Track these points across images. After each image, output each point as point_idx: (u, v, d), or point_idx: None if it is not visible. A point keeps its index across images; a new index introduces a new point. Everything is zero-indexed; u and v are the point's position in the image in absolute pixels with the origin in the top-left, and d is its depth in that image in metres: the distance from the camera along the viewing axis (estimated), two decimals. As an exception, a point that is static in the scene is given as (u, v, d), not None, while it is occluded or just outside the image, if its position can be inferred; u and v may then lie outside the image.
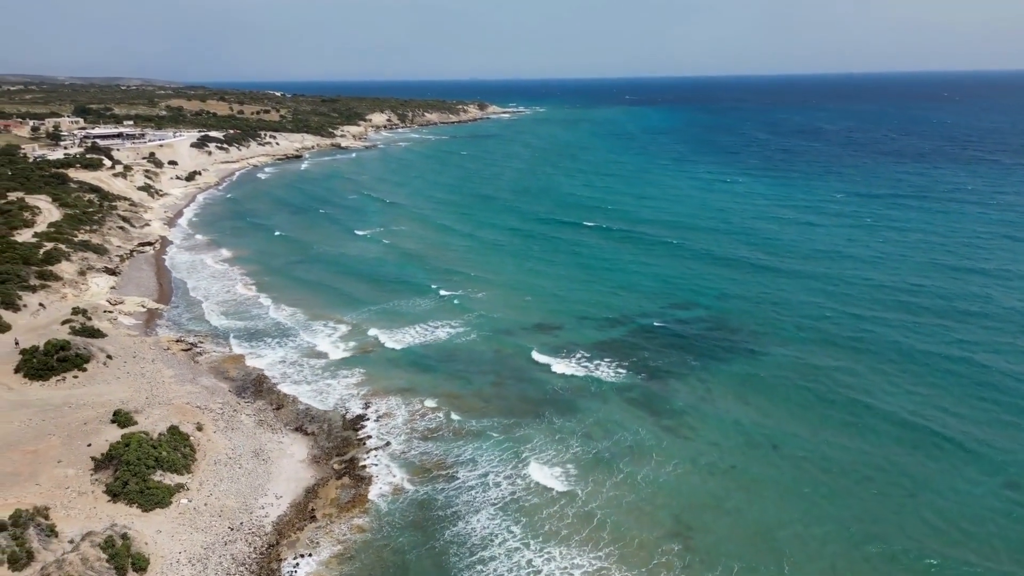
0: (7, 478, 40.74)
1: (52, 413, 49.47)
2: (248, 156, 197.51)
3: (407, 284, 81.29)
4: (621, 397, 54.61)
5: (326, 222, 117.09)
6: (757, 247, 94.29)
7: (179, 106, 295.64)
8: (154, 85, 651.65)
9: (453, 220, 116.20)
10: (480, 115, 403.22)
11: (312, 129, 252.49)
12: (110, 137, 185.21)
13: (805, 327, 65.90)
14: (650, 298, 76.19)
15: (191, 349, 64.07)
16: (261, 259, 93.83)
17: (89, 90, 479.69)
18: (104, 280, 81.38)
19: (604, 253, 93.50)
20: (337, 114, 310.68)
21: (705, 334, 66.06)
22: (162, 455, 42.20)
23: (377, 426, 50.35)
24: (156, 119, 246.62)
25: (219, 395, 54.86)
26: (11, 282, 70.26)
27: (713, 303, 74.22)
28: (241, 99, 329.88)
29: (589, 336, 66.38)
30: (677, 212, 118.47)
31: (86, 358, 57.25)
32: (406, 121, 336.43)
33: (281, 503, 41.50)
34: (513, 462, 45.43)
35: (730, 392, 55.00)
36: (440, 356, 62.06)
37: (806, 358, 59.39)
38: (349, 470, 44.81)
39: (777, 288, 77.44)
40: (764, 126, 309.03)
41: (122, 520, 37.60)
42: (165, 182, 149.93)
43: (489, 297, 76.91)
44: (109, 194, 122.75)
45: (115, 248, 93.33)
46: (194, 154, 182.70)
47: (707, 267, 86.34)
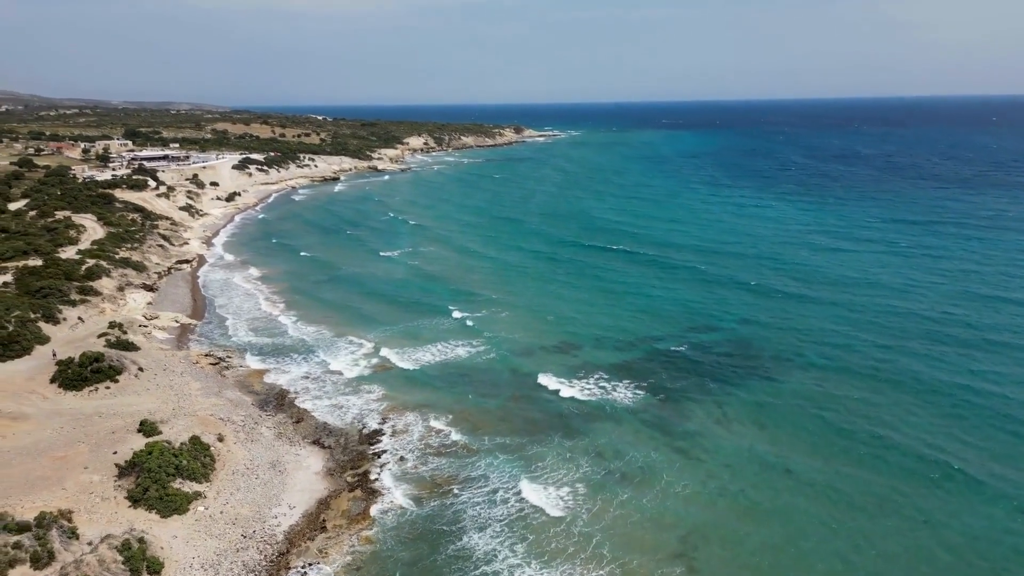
0: (37, 482, 42.66)
1: (83, 422, 51.60)
2: (287, 178, 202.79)
3: (429, 305, 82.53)
4: (635, 418, 54.73)
5: (354, 243, 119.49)
6: (784, 273, 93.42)
7: (224, 129, 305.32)
8: (202, 109, 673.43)
9: (479, 243, 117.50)
10: (516, 139, 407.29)
11: (350, 152, 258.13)
12: (156, 159, 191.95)
13: (827, 355, 65.00)
14: (671, 322, 76.12)
15: (219, 363, 66.09)
16: (290, 278, 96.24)
17: (140, 114, 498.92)
18: (141, 296, 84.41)
19: (628, 277, 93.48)
20: (375, 137, 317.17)
21: (725, 358, 65.78)
22: (182, 464, 43.74)
23: (392, 441, 51.32)
24: (201, 142, 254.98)
25: (242, 408, 56.52)
26: (53, 296, 73.44)
27: (735, 327, 73.87)
28: (284, 123, 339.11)
29: (607, 358, 66.62)
30: (705, 236, 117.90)
31: (118, 370, 59.55)
32: (442, 144, 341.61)
33: (294, 513, 42.60)
34: (522, 480, 45.86)
35: (746, 416, 54.70)
36: (457, 375, 62.97)
37: (826, 386, 58.64)
38: (361, 483, 45.79)
39: (802, 314, 76.57)
40: (802, 150, 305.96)
41: (141, 525, 39.06)
42: (206, 202, 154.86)
43: (509, 318, 77.72)
44: (152, 213, 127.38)
45: (154, 265, 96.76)
46: (235, 175, 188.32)
47: (731, 292, 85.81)
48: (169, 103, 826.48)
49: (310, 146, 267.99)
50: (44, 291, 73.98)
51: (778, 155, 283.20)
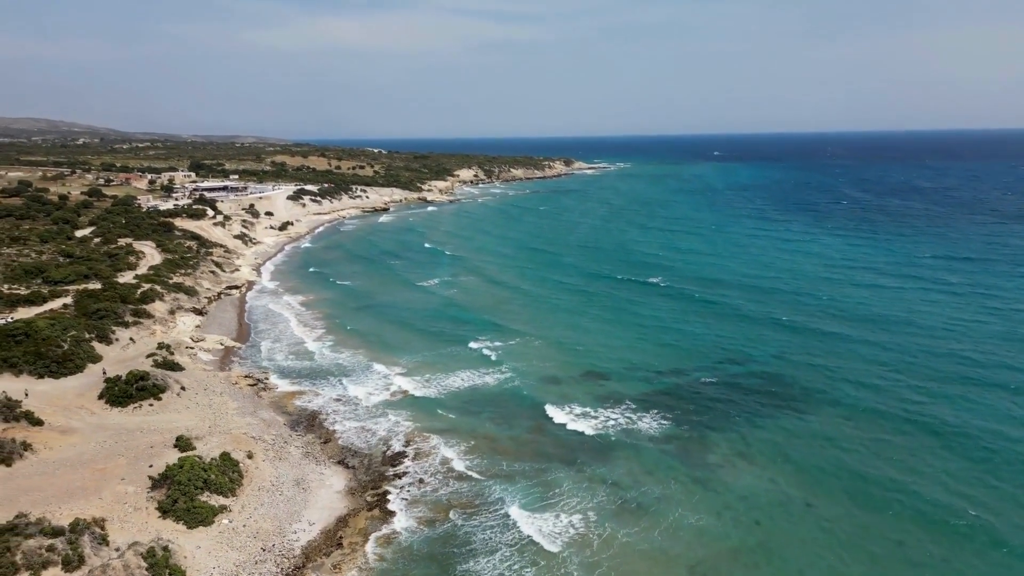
0: (76, 491, 45.22)
1: (125, 436, 54.39)
2: (339, 208, 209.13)
3: (459, 334, 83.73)
4: (657, 448, 54.71)
5: (394, 272, 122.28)
6: (823, 309, 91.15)
7: (283, 162, 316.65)
8: (265, 142, 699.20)
9: (515, 275, 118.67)
10: (565, 171, 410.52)
11: (401, 184, 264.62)
12: (216, 190, 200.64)
13: (859, 394, 63.17)
14: (702, 355, 75.62)
15: (256, 384, 68.68)
16: (330, 305, 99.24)
17: (207, 147, 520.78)
18: (191, 319, 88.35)
19: (662, 312, 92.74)
20: (427, 169, 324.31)
21: (754, 392, 65.10)
22: (210, 478, 45.77)
23: (413, 464, 52.52)
24: (260, 173, 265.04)
25: (274, 428, 58.64)
26: (108, 318, 77.64)
27: (767, 362, 72.97)
28: (340, 155, 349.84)
29: (634, 389, 66.71)
30: (747, 271, 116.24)
31: (162, 388, 62.57)
32: (492, 176, 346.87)
33: (313, 529, 44.05)
34: (537, 505, 46.43)
35: (770, 450, 54.09)
36: (482, 402, 63.99)
37: (854, 426, 57.11)
38: (380, 503, 47.02)
39: (836, 352, 74.55)
40: (858, 183, 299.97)
41: (167, 534, 41.02)
42: (260, 231, 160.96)
43: (538, 349, 78.47)
44: (207, 241, 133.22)
45: (204, 290, 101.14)
46: (289, 206, 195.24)
47: (766, 327, 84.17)
48: (235, 136, 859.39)
49: (364, 178, 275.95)
50: (100, 313, 78.29)
51: (832, 188, 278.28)
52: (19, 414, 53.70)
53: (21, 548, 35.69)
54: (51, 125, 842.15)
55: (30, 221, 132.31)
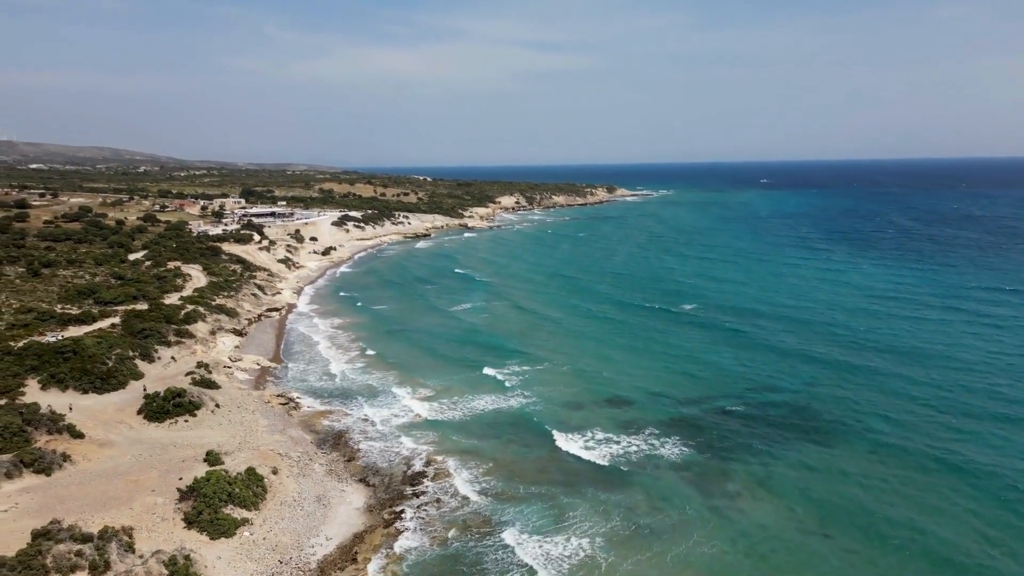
0: (109, 501, 47.38)
1: (159, 450, 56.71)
2: (381, 234, 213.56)
3: (487, 359, 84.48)
4: (676, 475, 54.56)
5: (430, 296, 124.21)
6: (862, 341, 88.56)
7: (330, 189, 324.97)
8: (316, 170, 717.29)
9: (547, 301, 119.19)
10: (608, 198, 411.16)
11: (444, 210, 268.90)
12: (264, 216, 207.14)
13: (888, 429, 61.53)
14: (730, 384, 74.98)
15: (288, 403, 70.71)
16: (365, 328, 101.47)
17: (259, 174, 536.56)
18: (230, 339, 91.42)
19: (693, 340, 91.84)
20: (470, 196, 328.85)
21: (779, 422, 64.31)
22: (235, 491, 47.46)
23: (432, 484, 53.43)
24: (308, 200, 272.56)
25: (301, 445, 60.32)
26: (152, 337, 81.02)
27: (798, 392, 71.93)
28: (386, 183, 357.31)
29: (657, 416, 66.61)
30: (785, 301, 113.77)
31: (197, 405, 65.03)
32: (533, 203, 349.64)
33: (329, 544, 45.23)
34: (550, 528, 46.80)
35: (791, 480, 53.44)
36: (505, 425, 64.72)
37: (881, 461, 55.70)
38: (396, 520, 48.00)
39: (870, 385, 72.62)
40: (907, 211, 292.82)
41: (190, 544, 42.67)
42: (303, 256, 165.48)
43: (565, 374, 78.95)
44: (252, 265, 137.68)
45: (245, 312, 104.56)
46: (333, 231, 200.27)
47: (800, 358, 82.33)
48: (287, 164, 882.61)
49: (407, 204, 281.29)
50: (145, 332, 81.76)
51: (881, 216, 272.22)
52: (62, 427, 56.53)
53: (52, 552, 37.68)
54: (115, 154, 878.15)
55: (88, 245, 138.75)
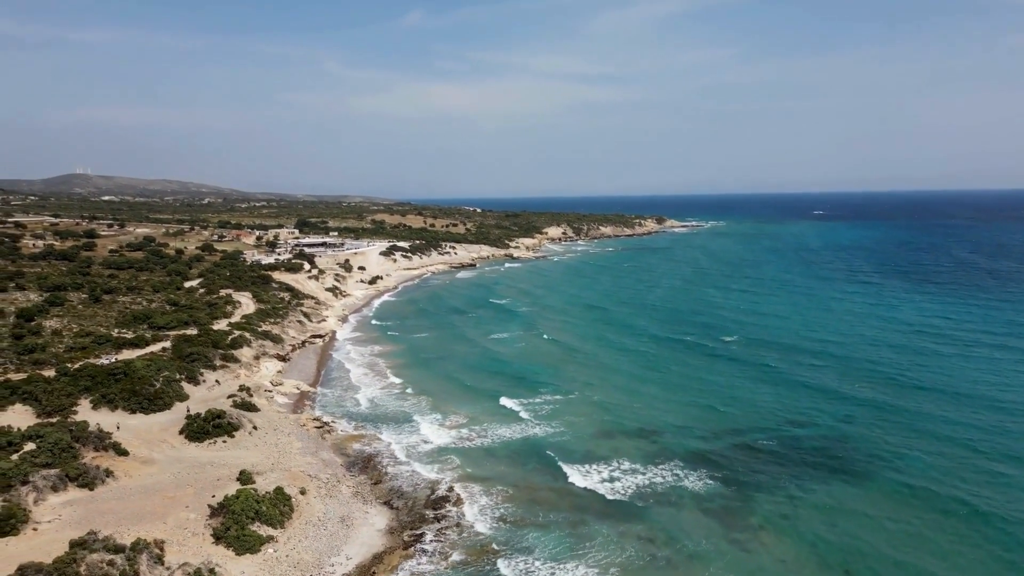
0: (146, 515, 49.71)
1: (196, 469, 59.16)
2: (427, 264, 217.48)
3: (520, 388, 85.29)
4: (698, 507, 54.22)
5: (467, 326, 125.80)
6: (907, 379, 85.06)
7: (382, 220, 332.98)
8: (371, 201, 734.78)
9: (583, 333, 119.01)
10: (657, 229, 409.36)
11: (490, 241, 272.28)
12: (316, 246, 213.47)
13: (927, 472, 58.88)
14: (764, 418, 73.76)
15: (322, 427, 72.77)
16: (404, 354, 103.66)
17: (316, 206, 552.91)
18: (273, 364, 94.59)
19: (729, 375, 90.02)
20: (517, 227, 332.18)
21: (811, 458, 63.03)
22: (262, 509, 49.27)
23: (455, 508, 54.32)
24: (359, 231, 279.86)
25: (331, 467, 62.04)
26: (198, 361, 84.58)
27: (834, 428, 70.18)
28: (436, 214, 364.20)
29: (686, 447, 66.23)
30: (831, 337, 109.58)
31: (236, 427, 67.61)
32: (581, 234, 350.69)
33: (349, 564, 46.45)
34: (565, 556, 47.09)
35: (817, 515, 52.52)
36: (531, 453, 65.28)
37: (913, 503, 53.62)
38: (415, 542, 49.00)
39: (912, 425, 69.77)
40: (970, 245, 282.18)
41: (217, 559, 44.48)
42: (350, 284, 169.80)
43: (597, 404, 79.07)
44: (300, 293, 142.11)
45: (290, 338, 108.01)
46: (381, 261, 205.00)
47: (839, 396, 79.78)
48: (344, 196, 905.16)
49: (455, 235, 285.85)
50: (192, 356, 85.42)
51: (941, 250, 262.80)
52: (108, 444, 59.60)
53: (86, 561, 39.90)
54: (182, 186, 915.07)
55: (148, 272, 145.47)
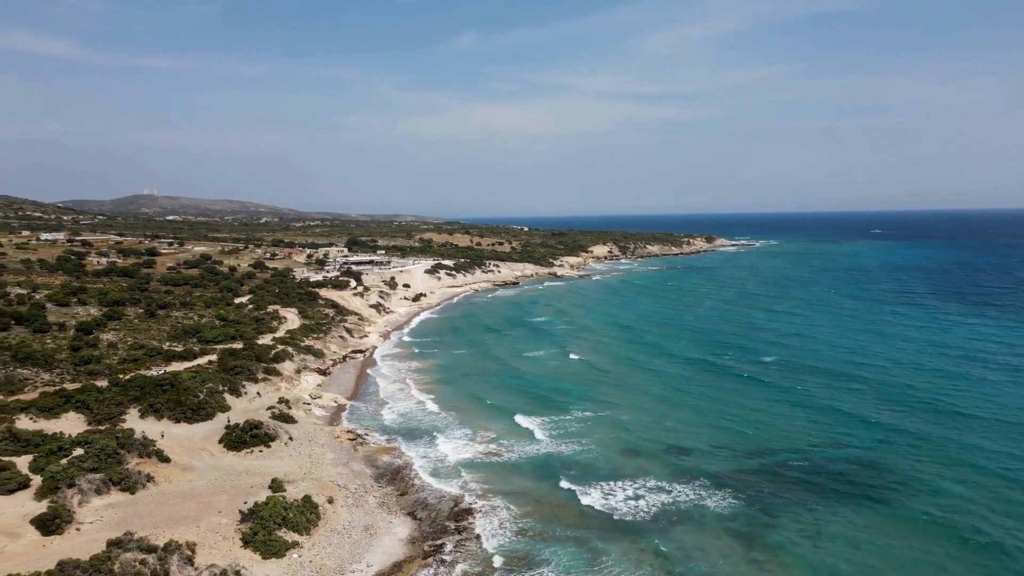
0: (181, 518, 52.18)
1: (232, 476, 61.65)
2: (471, 282, 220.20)
3: (552, 405, 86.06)
4: (719, 526, 53.95)
5: (506, 341, 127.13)
6: (949, 406, 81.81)
7: (429, 239, 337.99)
8: (421, 220, 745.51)
9: (619, 352, 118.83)
10: (706, 247, 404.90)
11: (534, 259, 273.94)
12: (363, 264, 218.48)
13: (960, 503, 56.69)
14: (798, 440, 72.79)
15: (356, 439, 74.80)
16: (441, 370, 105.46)
17: (369, 225, 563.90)
18: (314, 378, 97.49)
19: (764, 399, 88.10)
20: (562, 246, 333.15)
21: (843, 481, 61.90)
22: (289, 516, 51.18)
23: (476, 521, 55.29)
24: (406, 249, 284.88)
25: (361, 478, 63.82)
26: (241, 374, 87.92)
27: (870, 450, 68.68)
28: (482, 232, 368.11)
29: (713, 467, 65.85)
30: (877, 362, 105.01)
31: (272, 437, 70.15)
32: (627, 253, 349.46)
33: (369, 571, 47.85)
34: (580, 570, 47.54)
35: (842, 538, 51.74)
36: (558, 468, 65.82)
37: (939, 531, 52.21)
38: (435, 553, 50.14)
39: (948, 453, 67.03)
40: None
41: (243, 561, 46.44)
42: (394, 301, 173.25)
43: (627, 423, 79.15)
44: (344, 309, 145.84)
45: (331, 353, 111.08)
46: (426, 279, 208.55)
47: (878, 422, 77.43)
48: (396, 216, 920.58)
49: (500, 253, 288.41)
50: (236, 369, 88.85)
51: (1004, 270, 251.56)
52: (151, 451, 62.65)
53: (119, 559, 42.27)
54: (242, 206, 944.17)
55: (202, 289, 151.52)
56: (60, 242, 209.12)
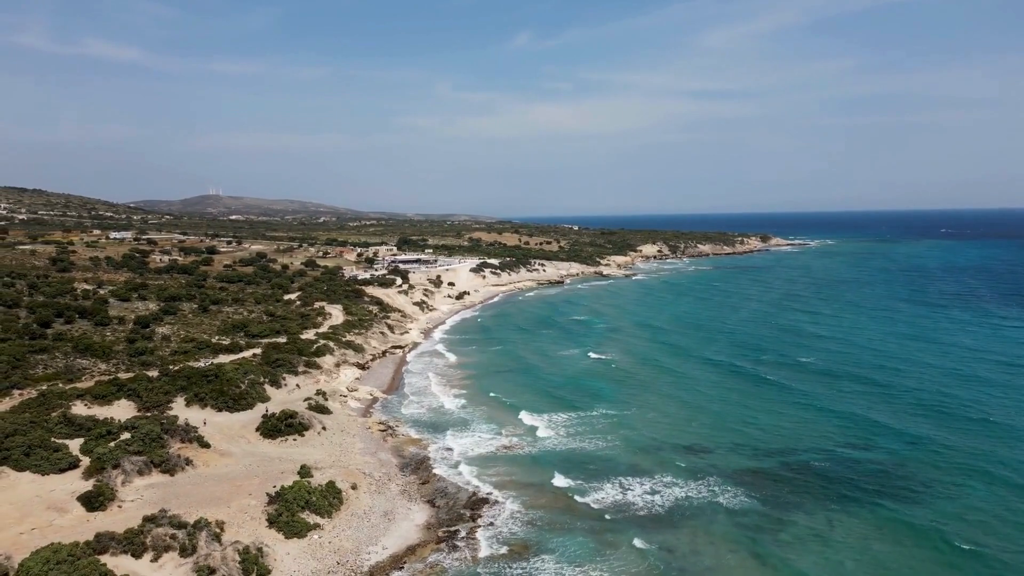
0: (214, 499, 55.65)
1: (266, 462, 65.12)
2: (515, 280, 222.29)
3: (581, 402, 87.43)
4: (730, 521, 54.60)
5: (541, 341, 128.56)
6: (986, 415, 79.02)
7: (479, 238, 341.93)
8: (474, 219, 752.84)
9: (654, 351, 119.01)
10: (760, 247, 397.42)
11: (581, 259, 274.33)
12: (410, 262, 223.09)
13: (973, 514, 55.47)
14: (823, 440, 72.54)
15: (386, 430, 77.65)
16: (476, 367, 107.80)
17: (422, 224, 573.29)
18: (352, 372, 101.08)
19: (794, 404, 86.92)
20: (611, 245, 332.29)
21: (863, 481, 61.70)
22: (312, 500, 54.09)
23: (491, 509, 57.26)
24: (454, 248, 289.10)
25: (386, 467, 66.51)
26: (283, 367, 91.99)
27: (896, 453, 68.19)
28: (531, 232, 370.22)
29: (732, 464, 66.28)
30: (923, 373, 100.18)
31: (306, 426, 73.53)
32: (677, 252, 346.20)
33: (384, 553, 50.30)
34: (585, 561, 48.88)
35: (854, 537, 51.83)
36: (577, 462, 67.25)
37: (952, 535, 51.64)
38: (449, 539, 52.30)
39: (978, 462, 65.46)
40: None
41: (267, 540, 49.43)
42: (438, 299, 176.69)
43: (652, 419, 79.99)
44: (388, 306, 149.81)
45: (371, 348, 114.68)
46: (471, 277, 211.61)
47: (903, 429, 75.49)
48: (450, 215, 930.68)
49: (548, 252, 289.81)
50: (278, 362, 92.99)
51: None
52: (192, 437, 66.65)
53: (152, 533, 45.77)
54: (302, 206, 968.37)
55: (254, 286, 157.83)
56: (127, 241, 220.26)
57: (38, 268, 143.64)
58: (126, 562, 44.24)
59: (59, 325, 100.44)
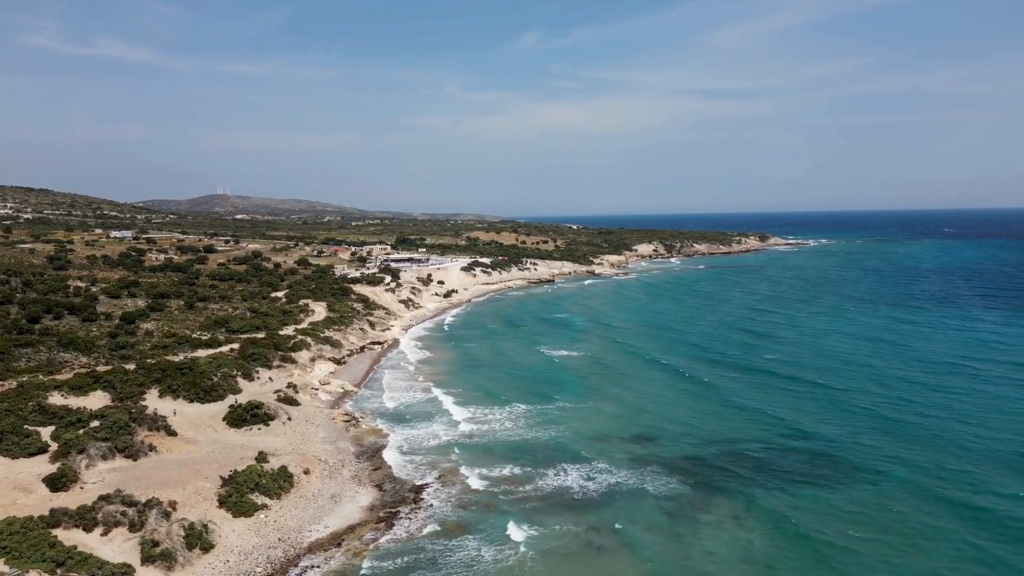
0: (171, 482, 59.13)
1: (228, 450, 68.65)
2: (506, 279, 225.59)
3: (545, 395, 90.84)
4: (655, 504, 57.86)
5: (522, 337, 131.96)
6: (938, 406, 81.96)
7: (476, 237, 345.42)
8: (479, 219, 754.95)
9: (625, 348, 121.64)
10: (757, 246, 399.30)
11: (575, 258, 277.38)
12: (402, 261, 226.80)
13: (899, 490, 58.98)
14: (769, 430, 75.82)
15: (350, 421, 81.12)
16: (450, 363, 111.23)
17: (426, 223, 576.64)
18: (327, 367, 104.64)
19: (752, 397, 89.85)
20: (607, 244, 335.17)
21: (794, 468, 65.10)
22: (262, 482, 57.61)
23: (434, 492, 60.67)
24: (450, 247, 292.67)
25: (342, 455, 69.97)
26: (257, 361, 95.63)
27: (833, 443, 71.24)
28: (529, 231, 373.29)
29: (674, 452, 69.52)
30: (875, 361, 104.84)
31: (272, 417, 77.10)
32: (672, 252, 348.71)
33: (325, 531, 53.76)
34: (506, 541, 51.84)
35: (768, 518, 55.01)
36: (526, 450, 70.60)
37: (871, 517, 54.63)
38: (388, 519, 55.71)
39: (916, 449, 68.56)
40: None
41: (215, 518, 52.96)
42: (425, 297, 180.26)
43: (608, 412, 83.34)
44: (373, 303, 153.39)
45: (349, 344, 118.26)
46: (461, 276, 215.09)
47: (849, 416, 79.84)
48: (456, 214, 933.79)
49: (542, 252, 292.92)
50: (253, 356, 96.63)
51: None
52: (160, 426, 70.30)
53: (103, 510, 49.36)
54: (309, 205, 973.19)
55: (244, 284, 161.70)
56: (127, 240, 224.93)
57: (35, 266, 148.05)
58: (77, 535, 47.82)
59: (47, 321, 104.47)
